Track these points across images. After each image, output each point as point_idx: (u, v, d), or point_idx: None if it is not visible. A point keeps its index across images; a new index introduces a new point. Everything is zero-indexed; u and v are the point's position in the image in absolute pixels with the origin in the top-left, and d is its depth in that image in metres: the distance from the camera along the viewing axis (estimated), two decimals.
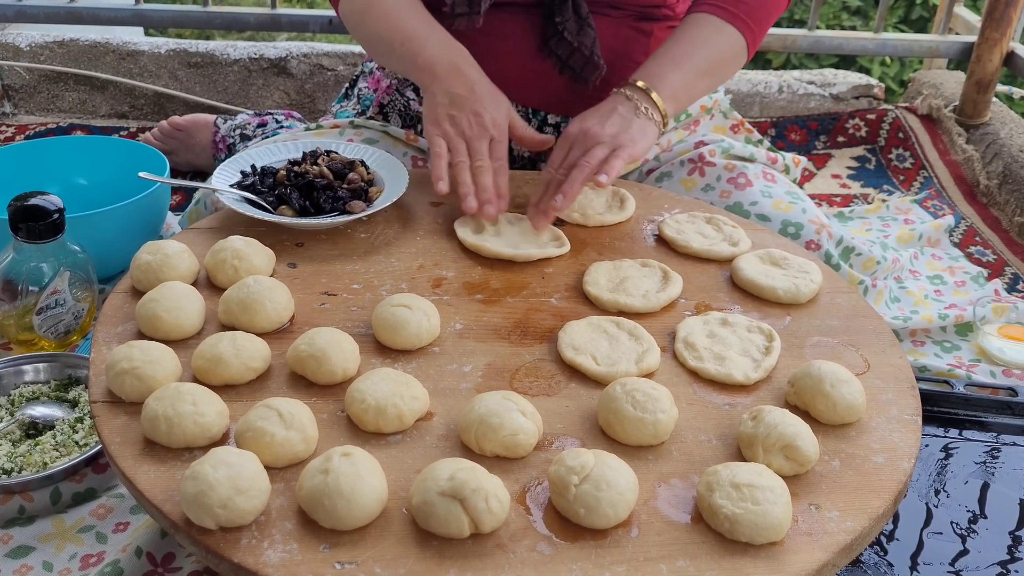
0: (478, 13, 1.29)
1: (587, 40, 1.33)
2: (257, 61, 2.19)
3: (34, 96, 2.19)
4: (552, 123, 1.45)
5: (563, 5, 1.31)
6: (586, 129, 1.20)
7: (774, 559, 0.74)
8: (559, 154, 1.21)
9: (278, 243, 1.12)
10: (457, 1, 1.29)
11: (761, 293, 1.07)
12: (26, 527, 1.04)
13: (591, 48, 1.33)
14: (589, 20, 1.33)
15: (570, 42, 1.33)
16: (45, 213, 1.20)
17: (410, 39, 1.25)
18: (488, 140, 1.20)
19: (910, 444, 0.86)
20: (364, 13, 1.30)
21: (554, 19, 1.32)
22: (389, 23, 1.27)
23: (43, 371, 1.21)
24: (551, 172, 1.20)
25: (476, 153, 1.18)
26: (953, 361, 1.43)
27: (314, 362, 0.89)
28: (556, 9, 1.32)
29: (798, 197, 1.36)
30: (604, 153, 1.17)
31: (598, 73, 1.36)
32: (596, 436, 0.86)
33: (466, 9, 1.29)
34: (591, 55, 1.34)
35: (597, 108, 1.24)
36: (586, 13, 1.32)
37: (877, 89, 2.24)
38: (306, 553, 0.72)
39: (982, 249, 1.76)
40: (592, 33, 1.33)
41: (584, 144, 1.19)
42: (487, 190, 1.16)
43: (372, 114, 1.49)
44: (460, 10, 1.29)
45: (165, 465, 0.80)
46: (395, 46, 1.27)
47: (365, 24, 1.31)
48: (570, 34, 1.32)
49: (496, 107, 1.22)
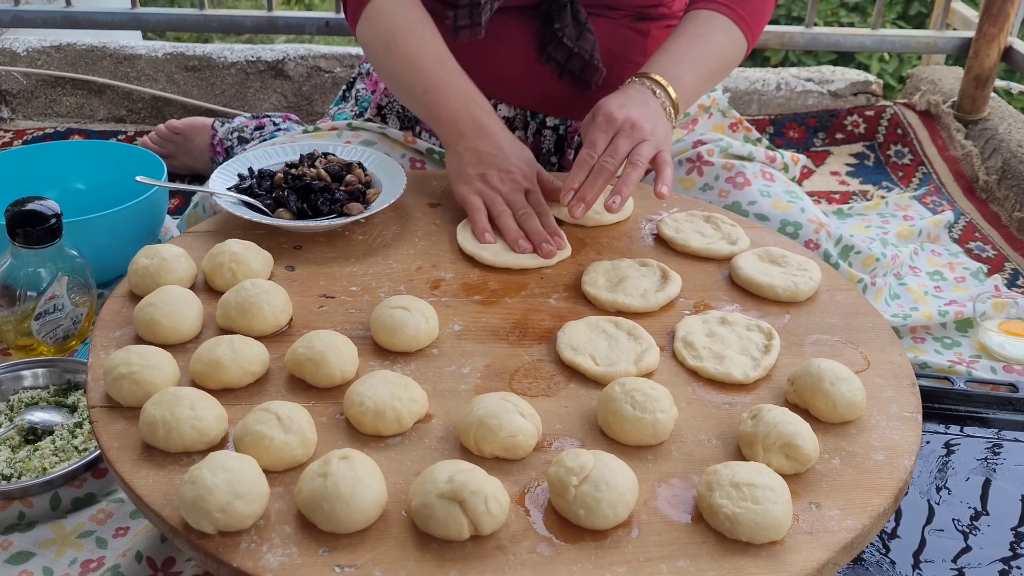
0: (479, 25, 1.29)
1: (587, 45, 1.33)
2: (254, 64, 2.18)
3: (32, 101, 2.19)
4: (551, 125, 1.45)
5: (561, 11, 1.31)
6: (633, 120, 1.15)
7: (775, 558, 0.74)
8: (602, 138, 1.15)
9: (276, 246, 1.12)
10: (459, 14, 1.28)
11: (760, 291, 1.07)
12: (26, 533, 1.04)
13: (591, 52, 1.33)
14: (588, 25, 1.32)
15: (569, 47, 1.32)
16: (42, 218, 1.20)
17: (432, 89, 1.23)
18: (523, 192, 1.19)
19: (910, 441, 0.86)
20: (386, 48, 1.27)
21: (552, 24, 1.32)
22: (412, 67, 1.24)
23: (42, 376, 1.20)
24: (594, 155, 1.14)
25: (516, 204, 1.17)
26: (953, 357, 1.43)
27: (312, 365, 0.89)
28: (554, 15, 1.31)
29: (797, 196, 1.36)
30: (651, 152, 1.15)
31: (599, 76, 1.35)
32: (595, 436, 0.86)
33: (467, 22, 1.28)
34: (591, 59, 1.33)
35: (630, 95, 1.19)
36: (584, 18, 1.32)
37: (875, 85, 2.24)
38: (305, 557, 0.72)
39: (982, 245, 1.76)
40: (591, 38, 1.33)
41: (632, 136, 1.14)
42: (539, 233, 1.14)
43: (370, 115, 1.49)
44: (462, 23, 1.29)
45: (164, 470, 0.80)
46: (417, 94, 1.24)
47: (386, 60, 1.28)
48: (569, 40, 1.32)
49: (525, 162, 1.21)
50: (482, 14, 1.28)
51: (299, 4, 5.30)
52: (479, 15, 1.28)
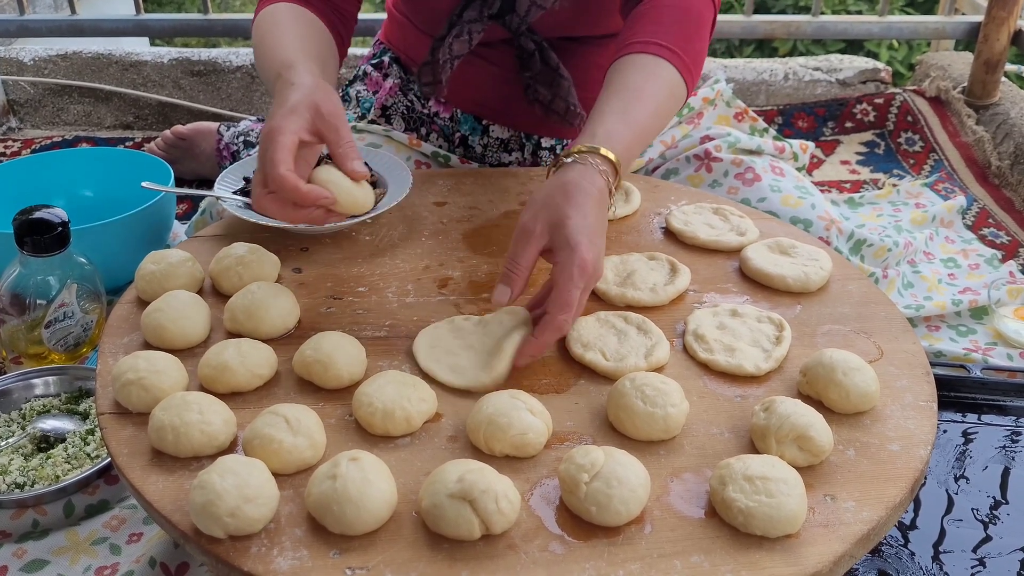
0: (440, 83, 1.28)
1: (562, 91, 1.29)
2: None
3: (39, 110, 2.20)
4: (547, 146, 1.43)
5: (529, 60, 1.28)
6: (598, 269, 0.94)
7: (790, 551, 0.73)
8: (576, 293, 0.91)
9: (283, 248, 1.12)
10: (423, 71, 1.28)
11: (770, 282, 1.06)
12: (40, 540, 1.04)
13: (566, 98, 1.29)
14: (561, 71, 1.28)
15: (546, 93, 1.30)
16: (50, 226, 1.20)
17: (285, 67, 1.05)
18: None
19: (926, 431, 0.85)
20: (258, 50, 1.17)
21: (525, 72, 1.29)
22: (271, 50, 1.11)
23: (53, 384, 1.21)
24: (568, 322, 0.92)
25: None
26: (969, 345, 1.41)
27: (320, 367, 0.89)
28: (522, 64, 1.29)
29: (807, 192, 1.35)
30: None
31: (580, 119, 1.31)
32: (606, 432, 0.85)
33: (430, 79, 1.28)
34: (568, 105, 1.29)
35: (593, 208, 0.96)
36: (556, 63, 1.27)
37: (884, 73, 2.22)
38: (316, 560, 0.72)
39: (995, 231, 1.74)
40: (566, 84, 1.29)
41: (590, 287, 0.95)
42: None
43: (374, 116, 1.49)
44: (425, 80, 1.28)
45: (173, 475, 0.79)
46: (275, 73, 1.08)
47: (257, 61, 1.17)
48: (543, 87, 1.29)
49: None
50: (442, 73, 1.26)
51: None
52: (440, 72, 1.26)
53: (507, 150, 1.43)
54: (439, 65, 1.25)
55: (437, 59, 1.24)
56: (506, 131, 1.42)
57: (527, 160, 1.44)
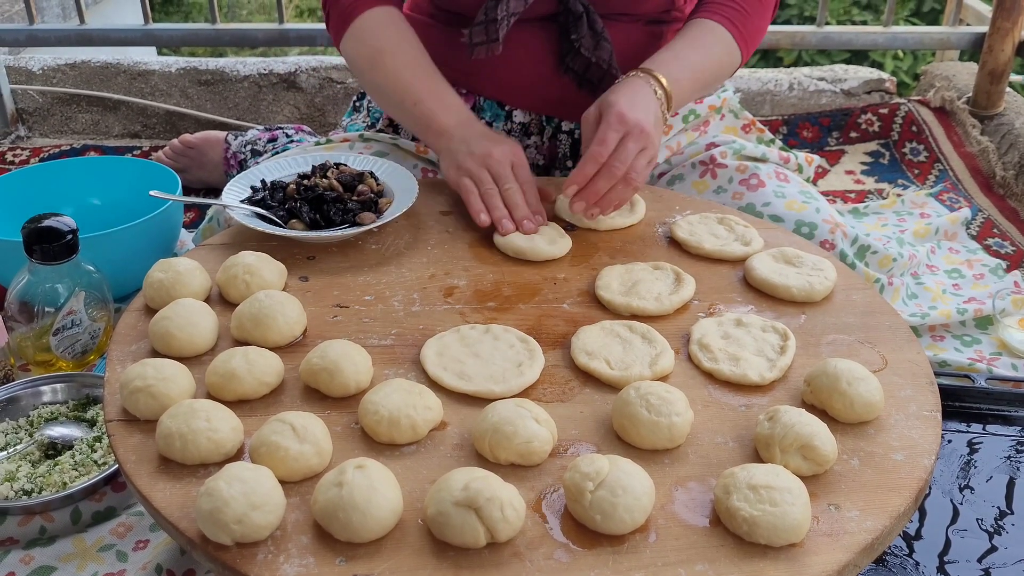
0: (496, 40, 1.29)
1: (604, 54, 1.33)
2: (267, 76, 2.20)
3: (48, 119, 2.21)
4: (566, 130, 1.45)
5: (577, 22, 1.31)
6: (642, 125, 1.15)
7: (794, 561, 0.73)
8: (613, 136, 1.14)
9: (289, 257, 1.12)
10: (474, 31, 1.29)
11: (775, 292, 1.07)
12: (47, 547, 1.04)
13: (608, 62, 1.33)
14: (605, 34, 1.32)
15: (587, 58, 1.33)
16: (58, 234, 1.21)
17: (421, 102, 1.27)
18: (510, 166, 1.21)
19: (930, 440, 0.85)
20: (372, 63, 1.31)
21: (569, 36, 1.32)
22: (398, 81, 1.29)
23: (61, 391, 1.21)
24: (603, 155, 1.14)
25: (501, 178, 1.20)
26: (974, 355, 1.41)
27: (327, 375, 0.89)
28: (571, 27, 1.32)
29: (811, 196, 1.35)
30: (648, 168, 1.17)
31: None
32: (611, 441, 0.85)
33: (483, 39, 1.29)
34: (608, 68, 1.34)
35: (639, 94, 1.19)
36: (601, 28, 1.32)
37: (888, 83, 2.23)
38: (322, 567, 0.72)
39: (1000, 241, 1.74)
40: (608, 47, 1.33)
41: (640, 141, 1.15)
42: (520, 208, 1.18)
43: (382, 126, 1.50)
44: (478, 40, 1.29)
45: (180, 482, 0.80)
46: (406, 106, 1.28)
47: (372, 74, 1.32)
48: (587, 50, 1.32)
49: (510, 144, 1.23)
50: (499, 30, 1.28)
51: (311, 16, 5.33)
52: (496, 31, 1.28)
53: (527, 134, 1.45)
54: (496, 23, 1.28)
55: (494, 17, 1.27)
56: (527, 115, 1.44)
57: (545, 144, 1.45)
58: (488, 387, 0.91)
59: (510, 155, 1.22)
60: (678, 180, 1.40)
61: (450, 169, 1.23)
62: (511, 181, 1.20)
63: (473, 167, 1.21)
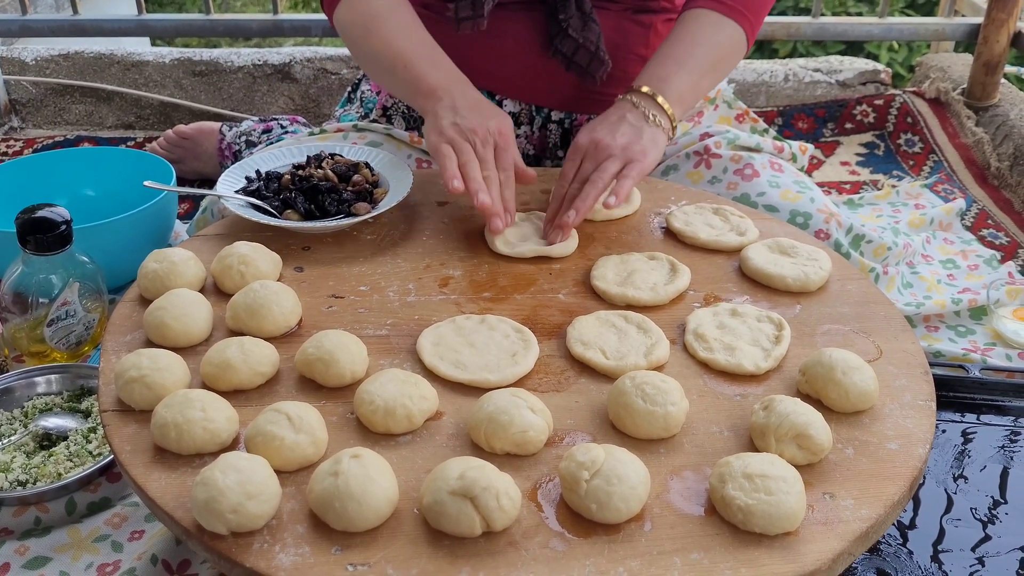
0: (482, 16, 1.28)
1: (592, 36, 1.32)
2: (261, 67, 2.19)
3: (41, 110, 2.21)
4: (556, 119, 1.45)
5: (566, 2, 1.30)
6: (597, 140, 1.17)
7: (789, 549, 0.73)
8: (571, 167, 1.18)
9: (284, 247, 1.12)
10: (461, 6, 1.28)
11: (770, 282, 1.07)
12: (42, 538, 1.04)
13: (596, 43, 1.33)
14: (593, 15, 1.32)
15: (575, 39, 1.32)
16: (52, 225, 1.21)
17: (412, 64, 1.23)
18: (493, 146, 1.17)
19: (924, 430, 0.85)
20: (365, 30, 1.28)
21: (557, 17, 1.31)
22: (391, 45, 1.25)
23: (55, 382, 1.21)
24: (564, 186, 1.18)
25: (483, 161, 1.15)
26: (968, 345, 1.42)
27: (322, 365, 0.89)
28: (559, 6, 1.31)
29: (806, 186, 1.35)
30: (616, 167, 1.15)
31: (604, 69, 1.35)
32: (607, 431, 0.86)
33: (470, 13, 1.28)
34: (596, 51, 1.33)
35: (605, 116, 1.21)
36: (589, 9, 1.32)
37: (884, 74, 2.23)
38: (318, 556, 0.72)
39: (994, 232, 1.75)
40: (596, 28, 1.32)
41: (596, 157, 1.16)
42: (495, 202, 1.13)
43: (375, 117, 1.49)
44: (463, 14, 1.28)
45: (176, 472, 0.80)
46: (397, 70, 1.24)
47: (365, 42, 1.28)
48: (575, 31, 1.32)
49: (500, 119, 1.19)
50: (484, 4, 1.27)
51: (305, 7, 5.31)
52: (481, 6, 1.27)
53: (517, 124, 1.44)
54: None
55: None
56: (517, 104, 1.43)
57: (535, 134, 1.45)
58: (483, 376, 0.91)
59: (495, 134, 1.17)
60: (672, 170, 1.40)
61: (431, 133, 1.18)
62: (491, 168, 1.15)
63: (456, 137, 1.15)
